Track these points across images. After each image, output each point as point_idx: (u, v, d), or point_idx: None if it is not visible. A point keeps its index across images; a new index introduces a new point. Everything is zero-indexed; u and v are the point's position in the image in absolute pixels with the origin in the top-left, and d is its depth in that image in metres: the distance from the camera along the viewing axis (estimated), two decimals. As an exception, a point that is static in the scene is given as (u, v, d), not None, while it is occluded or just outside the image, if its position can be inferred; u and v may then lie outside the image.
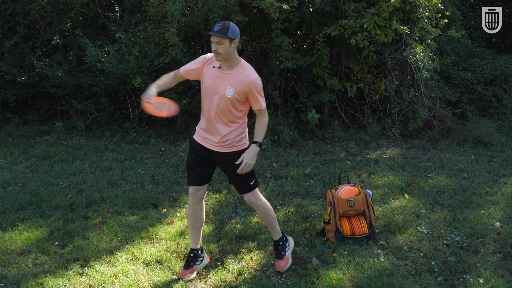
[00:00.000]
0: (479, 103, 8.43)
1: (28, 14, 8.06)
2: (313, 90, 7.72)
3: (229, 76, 3.22)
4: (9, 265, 3.54)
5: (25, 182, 5.36)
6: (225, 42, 3.12)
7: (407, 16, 7.21)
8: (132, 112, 7.82)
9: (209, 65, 3.30)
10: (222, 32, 3.11)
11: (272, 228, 3.60)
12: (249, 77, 3.21)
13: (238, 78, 3.21)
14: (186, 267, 3.44)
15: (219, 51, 3.13)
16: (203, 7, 6.85)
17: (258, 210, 3.52)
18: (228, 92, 3.21)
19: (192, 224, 3.49)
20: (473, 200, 4.84)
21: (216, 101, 3.24)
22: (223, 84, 3.22)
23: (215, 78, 3.25)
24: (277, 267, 3.49)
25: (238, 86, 3.21)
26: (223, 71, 3.24)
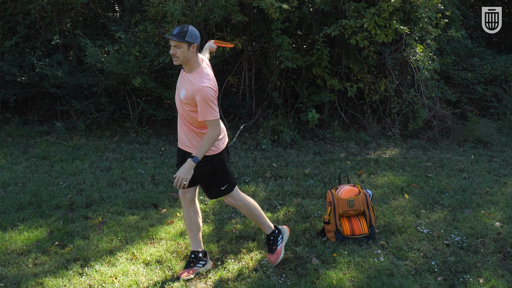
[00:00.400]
0: (479, 103, 8.43)
1: (28, 14, 8.06)
2: (313, 90, 7.72)
3: (186, 79, 3.26)
4: (9, 265, 3.54)
5: (25, 182, 5.36)
6: (183, 46, 3.14)
7: (407, 16, 7.21)
8: (132, 112, 7.82)
9: (180, 74, 3.39)
10: (180, 36, 3.11)
11: (260, 224, 3.64)
12: (198, 84, 3.15)
13: (190, 83, 3.20)
14: (186, 267, 3.45)
15: (177, 55, 3.16)
16: (203, 7, 6.85)
17: (241, 210, 3.57)
18: (181, 94, 3.24)
19: (188, 227, 3.54)
20: (473, 200, 4.84)
21: (178, 103, 3.32)
22: (181, 85, 3.28)
23: (179, 80, 3.33)
24: (268, 261, 3.53)
25: (188, 91, 3.19)
26: (184, 72, 3.29)
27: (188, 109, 3.22)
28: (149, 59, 7.11)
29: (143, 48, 7.20)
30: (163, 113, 7.57)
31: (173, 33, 3.15)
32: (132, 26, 7.73)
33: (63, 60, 7.80)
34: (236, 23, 7.25)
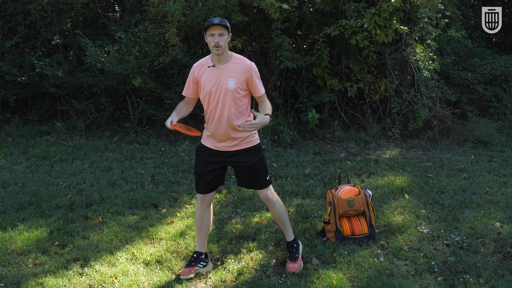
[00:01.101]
0: (479, 103, 8.43)
1: (28, 14, 8.06)
2: (313, 90, 7.72)
3: (226, 69, 3.25)
4: (9, 265, 3.54)
5: (25, 182, 5.36)
6: (226, 34, 3.18)
7: (407, 16, 7.21)
8: (132, 112, 7.82)
9: (201, 70, 3.31)
10: (224, 23, 3.16)
11: (286, 228, 3.58)
12: (246, 63, 3.26)
13: (236, 69, 3.25)
14: (187, 266, 3.44)
15: (221, 43, 3.16)
16: (203, 7, 6.85)
17: (274, 208, 3.49)
18: (230, 84, 3.22)
19: (198, 227, 3.49)
20: (473, 200, 4.84)
21: (222, 97, 3.23)
22: (223, 78, 3.23)
23: (213, 77, 3.26)
24: (291, 268, 3.46)
25: (238, 76, 3.23)
26: (218, 67, 3.26)
27: (240, 95, 3.24)
28: (149, 59, 7.12)
29: (143, 48, 7.21)
30: (163, 113, 7.57)
31: (214, 22, 3.14)
32: (132, 26, 7.73)
33: (63, 60, 7.80)
34: (236, 23, 7.25)
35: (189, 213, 4.54)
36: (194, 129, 3.29)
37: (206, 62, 3.31)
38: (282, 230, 3.65)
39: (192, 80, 3.35)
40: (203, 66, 3.31)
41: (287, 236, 3.62)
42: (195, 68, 3.34)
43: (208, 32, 3.18)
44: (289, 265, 3.49)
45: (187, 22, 7.03)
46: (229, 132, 3.28)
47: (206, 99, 3.31)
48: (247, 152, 3.34)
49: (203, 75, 3.28)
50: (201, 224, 3.48)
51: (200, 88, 3.33)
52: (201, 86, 3.30)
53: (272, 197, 3.47)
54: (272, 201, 3.47)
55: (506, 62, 8.64)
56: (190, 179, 5.54)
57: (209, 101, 3.28)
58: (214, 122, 3.29)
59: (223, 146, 3.33)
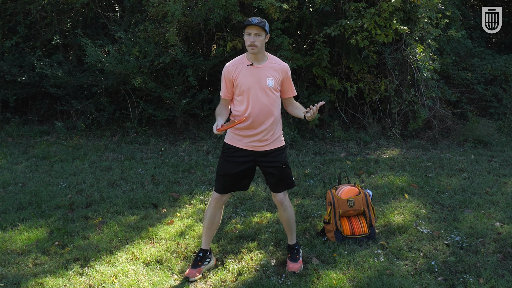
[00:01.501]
0: (479, 103, 8.43)
1: (28, 14, 8.06)
2: (313, 90, 7.72)
3: (263, 68, 3.28)
4: (9, 265, 3.54)
5: (25, 182, 5.36)
6: (263, 35, 3.20)
7: (407, 16, 7.21)
8: (132, 112, 7.82)
9: (236, 69, 3.29)
10: (261, 24, 3.17)
11: (292, 232, 3.60)
12: (282, 65, 3.36)
13: (273, 68, 3.31)
14: (194, 266, 3.42)
15: (256, 43, 3.18)
16: (203, 7, 6.85)
17: (285, 212, 3.50)
18: (269, 82, 3.27)
19: (208, 226, 3.47)
20: (473, 200, 4.84)
21: (260, 95, 3.26)
22: (262, 77, 3.27)
23: (252, 75, 3.26)
24: (291, 268, 3.48)
25: (276, 75, 3.30)
26: (256, 66, 3.28)
27: (276, 94, 3.32)
28: (149, 59, 7.12)
29: (143, 48, 7.21)
30: (163, 113, 7.57)
31: (253, 22, 3.16)
32: (132, 26, 7.73)
33: (63, 60, 7.80)
34: (236, 23, 7.25)
35: (189, 213, 4.54)
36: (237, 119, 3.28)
37: (242, 61, 3.31)
38: (287, 233, 3.63)
39: (229, 80, 3.32)
40: (238, 65, 3.30)
41: (291, 240, 3.62)
42: (230, 68, 3.31)
43: (246, 31, 3.21)
44: (289, 265, 3.50)
45: (187, 22, 7.03)
46: (263, 131, 3.30)
47: (244, 96, 3.28)
48: (278, 151, 3.38)
49: (240, 73, 3.28)
50: (212, 223, 3.47)
51: (236, 86, 3.31)
52: (238, 84, 3.28)
53: (286, 200, 3.49)
54: (285, 205, 3.49)
55: (506, 62, 8.64)
56: (190, 179, 5.54)
57: (247, 99, 3.27)
58: (255, 118, 3.28)
59: (256, 145, 3.33)
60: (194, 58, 7.32)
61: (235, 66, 3.31)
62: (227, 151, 3.37)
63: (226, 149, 3.39)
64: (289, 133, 7.00)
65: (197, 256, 3.48)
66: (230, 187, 3.39)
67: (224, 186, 3.37)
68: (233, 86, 3.32)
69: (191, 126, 7.81)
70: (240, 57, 3.36)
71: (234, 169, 3.34)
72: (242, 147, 3.34)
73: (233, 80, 3.30)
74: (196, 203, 4.80)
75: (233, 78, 3.29)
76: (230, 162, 3.35)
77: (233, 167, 3.34)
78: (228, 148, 3.38)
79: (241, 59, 3.33)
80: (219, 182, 3.38)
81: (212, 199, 3.43)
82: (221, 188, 3.38)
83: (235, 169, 3.34)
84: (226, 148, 3.39)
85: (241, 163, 3.34)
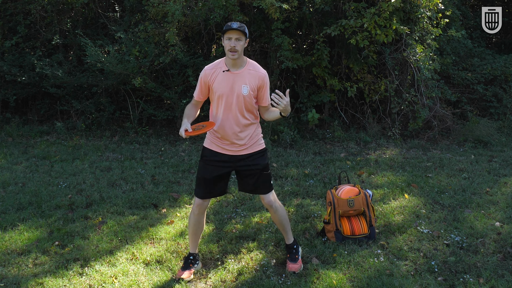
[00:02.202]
0: (479, 103, 8.43)
1: (29, 14, 8.06)
2: (313, 90, 7.72)
3: (240, 75, 3.24)
4: (9, 265, 3.54)
5: (25, 182, 5.36)
6: (243, 39, 3.17)
7: (407, 16, 7.21)
8: (132, 112, 7.82)
9: (213, 74, 3.27)
10: (242, 28, 3.14)
11: (287, 231, 3.59)
12: (260, 72, 3.29)
13: (250, 75, 3.26)
14: (185, 268, 3.44)
15: (237, 48, 3.15)
16: (203, 7, 6.85)
17: (276, 213, 3.48)
18: (244, 90, 3.23)
19: (194, 232, 3.46)
20: (473, 200, 4.84)
21: (234, 102, 3.24)
22: (237, 83, 3.24)
23: (227, 81, 3.24)
24: (291, 268, 3.48)
25: (252, 83, 3.25)
26: (232, 72, 3.25)
27: (252, 101, 3.28)
28: (149, 59, 7.12)
29: (143, 48, 7.21)
30: (163, 113, 7.57)
31: (233, 27, 3.12)
32: (132, 26, 7.73)
33: (63, 60, 7.80)
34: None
35: (189, 213, 4.54)
36: (206, 123, 3.28)
37: (220, 66, 3.28)
38: (282, 234, 3.64)
39: (204, 83, 3.30)
40: (216, 69, 3.28)
41: (287, 239, 3.62)
42: (207, 72, 3.29)
43: (226, 36, 3.16)
44: (289, 265, 3.50)
45: (187, 22, 7.03)
46: (236, 136, 3.29)
47: (217, 102, 3.28)
48: (257, 155, 3.36)
49: (216, 78, 3.26)
50: (197, 229, 3.45)
51: (211, 91, 3.30)
52: (213, 89, 3.27)
53: (275, 202, 3.48)
54: (275, 206, 3.46)
55: (506, 62, 8.65)
56: (190, 179, 5.54)
57: (220, 105, 3.27)
58: (225, 128, 3.28)
59: (233, 150, 3.32)
60: (194, 58, 7.32)
61: (212, 69, 3.28)
62: (205, 155, 3.37)
63: (204, 153, 3.38)
64: (289, 133, 7.00)
65: (187, 259, 3.48)
66: (207, 191, 3.35)
67: (200, 189, 3.35)
68: (209, 90, 3.31)
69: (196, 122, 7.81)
70: (219, 61, 3.32)
71: (210, 173, 3.31)
72: (219, 151, 3.33)
73: (209, 84, 3.28)
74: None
75: (209, 82, 3.28)
76: (208, 165, 3.33)
77: (210, 170, 3.32)
78: (206, 152, 3.37)
79: (219, 63, 3.30)
80: (199, 186, 3.35)
81: (195, 206, 3.39)
82: (202, 193, 3.35)
83: (212, 173, 3.31)
84: (205, 151, 3.38)
85: (218, 167, 3.32)
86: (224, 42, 3.19)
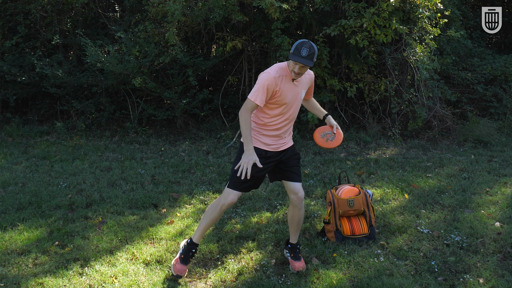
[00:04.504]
0: (479, 103, 8.43)
1: (29, 14, 8.06)
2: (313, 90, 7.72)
3: (300, 82, 3.37)
4: (9, 265, 3.54)
5: (25, 182, 5.36)
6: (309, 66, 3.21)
7: (406, 16, 7.21)
8: (132, 112, 7.82)
9: (282, 82, 3.24)
10: (310, 58, 3.14)
11: (299, 230, 3.60)
12: (311, 74, 3.50)
13: (305, 79, 3.42)
14: (185, 262, 3.41)
15: (302, 72, 3.22)
16: (203, 7, 6.85)
17: (301, 211, 3.52)
18: (302, 95, 3.42)
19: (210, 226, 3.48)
20: (473, 200, 4.84)
21: (294, 107, 3.37)
22: (299, 90, 3.37)
23: (293, 90, 3.31)
24: (297, 266, 3.48)
25: (306, 85, 3.44)
26: (297, 81, 3.33)
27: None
28: (149, 59, 7.12)
29: (143, 48, 7.21)
30: (163, 113, 7.57)
31: (303, 55, 3.12)
32: (132, 26, 7.73)
33: (63, 60, 7.80)
34: (236, 23, 7.25)
35: (189, 213, 4.54)
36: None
37: (285, 73, 3.27)
38: (294, 232, 3.60)
39: (271, 90, 3.22)
40: (281, 77, 3.25)
41: (295, 239, 3.61)
42: (276, 80, 3.21)
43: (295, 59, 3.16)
44: (295, 264, 3.50)
45: (187, 22, 7.03)
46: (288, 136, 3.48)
47: (281, 108, 3.30)
48: (293, 145, 3.56)
49: (284, 87, 3.26)
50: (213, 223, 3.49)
51: (275, 97, 3.26)
52: (280, 96, 3.26)
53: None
54: (303, 203, 3.52)
55: (506, 62, 8.65)
56: (190, 179, 5.54)
57: (284, 111, 3.32)
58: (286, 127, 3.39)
59: (285, 144, 3.44)
60: (194, 58, 7.32)
61: (279, 77, 3.24)
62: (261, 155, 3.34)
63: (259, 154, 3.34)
64: (289, 133, 7.00)
65: (189, 252, 3.43)
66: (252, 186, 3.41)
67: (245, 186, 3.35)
68: (271, 96, 3.26)
69: (191, 126, 7.81)
70: (282, 68, 3.27)
71: (260, 172, 3.33)
72: (270, 149, 3.39)
73: (276, 90, 3.24)
74: (196, 203, 4.80)
75: (276, 89, 3.23)
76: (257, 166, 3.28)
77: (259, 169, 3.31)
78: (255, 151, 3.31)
79: (284, 70, 3.27)
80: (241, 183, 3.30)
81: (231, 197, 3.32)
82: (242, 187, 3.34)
83: (261, 172, 3.34)
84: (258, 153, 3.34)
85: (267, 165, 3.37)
86: (291, 64, 3.21)
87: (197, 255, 3.70)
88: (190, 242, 3.46)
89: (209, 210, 3.42)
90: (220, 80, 8.41)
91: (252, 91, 3.23)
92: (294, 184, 3.45)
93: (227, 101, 7.91)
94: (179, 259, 3.42)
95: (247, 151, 3.21)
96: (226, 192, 3.35)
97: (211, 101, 7.97)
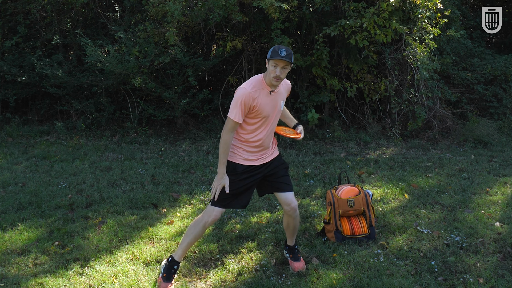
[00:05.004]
0: (479, 103, 8.43)
1: (28, 14, 8.06)
2: (313, 90, 7.72)
3: (278, 92, 3.28)
4: (9, 265, 3.54)
5: (25, 182, 5.36)
6: (288, 67, 3.13)
7: (406, 16, 7.21)
8: (132, 112, 7.82)
9: (258, 98, 3.17)
10: (289, 57, 3.08)
11: (295, 234, 3.58)
12: (288, 83, 3.44)
13: (283, 89, 3.36)
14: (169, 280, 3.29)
15: (282, 76, 3.12)
16: (203, 7, 6.85)
17: (296, 218, 3.44)
18: (282, 105, 3.35)
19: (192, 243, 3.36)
20: (473, 200, 4.84)
21: (275, 118, 3.32)
22: (278, 101, 3.28)
23: (271, 102, 3.22)
24: (297, 267, 3.48)
25: (284, 95, 3.38)
26: (274, 92, 3.24)
27: None
28: (149, 59, 7.12)
29: (143, 48, 7.21)
30: (163, 113, 7.57)
31: (281, 55, 3.05)
32: (132, 26, 7.73)
33: (63, 60, 7.80)
34: (236, 23, 7.25)
35: (189, 213, 4.54)
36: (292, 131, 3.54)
37: (260, 87, 3.18)
38: (290, 236, 3.57)
39: (248, 106, 3.14)
40: (257, 91, 3.17)
41: (292, 241, 3.60)
42: (252, 95, 3.13)
43: (272, 61, 3.08)
44: (295, 265, 3.50)
45: (187, 22, 7.03)
46: (271, 146, 3.42)
47: (261, 122, 3.24)
48: (279, 155, 3.49)
49: (261, 101, 3.18)
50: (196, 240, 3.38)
51: (253, 112, 3.19)
52: (258, 111, 3.19)
53: None
54: (297, 212, 3.44)
55: (506, 62, 8.65)
56: (190, 179, 5.54)
57: (263, 124, 3.25)
58: (267, 139, 3.32)
59: (269, 157, 3.37)
60: (194, 58, 7.32)
61: (255, 92, 3.16)
62: (238, 173, 3.26)
63: (236, 172, 3.26)
64: (289, 133, 6.99)
65: (171, 269, 3.30)
66: (242, 203, 3.32)
67: (233, 203, 3.29)
68: (249, 111, 3.19)
69: (191, 126, 7.81)
70: (258, 81, 3.20)
71: (246, 186, 3.28)
72: (255, 164, 3.31)
73: (253, 106, 3.17)
74: (196, 203, 4.80)
75: (253, 104, 3.16)
76: (242, 181, 3.26)
77: (246, 185, 3.27)
78: (239, 171, 3.26)
79: (259, 84, 3.18)
80: (229, 201, 3.25)
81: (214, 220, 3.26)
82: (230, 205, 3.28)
83: (248, 186, 3.29)
84: (238, 170, 3.27)
85: (253, 180, 3.30)
86: (269, 67, 3.11)
87: (197, 255, 3.70)
88: (172, 260, 3.33)
89: (191, 228, 3.31)
90: (220, 80, 8.41)
91: (230, 109, 3.16)
92: (286, 195, 3.36)
93: (227, 101, 7.91)
94: (161, 278, 3.30)
95: (218, 175, 3.18)
96: (209, 209, 3.26)
97: (211, 101, 7.97)
